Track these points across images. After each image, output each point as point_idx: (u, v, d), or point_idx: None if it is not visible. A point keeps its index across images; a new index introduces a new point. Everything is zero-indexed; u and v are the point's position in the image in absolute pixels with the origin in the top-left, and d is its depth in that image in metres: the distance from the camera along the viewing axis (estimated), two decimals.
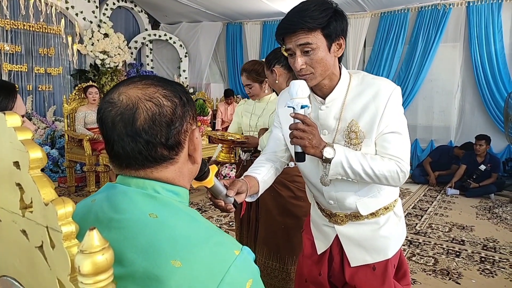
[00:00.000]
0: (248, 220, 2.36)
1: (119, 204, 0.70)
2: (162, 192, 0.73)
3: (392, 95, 1.25)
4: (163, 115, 0.71)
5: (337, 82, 1.30)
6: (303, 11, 1.19)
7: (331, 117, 1.32)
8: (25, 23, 5.92)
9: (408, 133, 1.31)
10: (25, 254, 0.59)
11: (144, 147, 0.70)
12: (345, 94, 1.30)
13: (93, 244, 0.47)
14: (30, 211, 0.56)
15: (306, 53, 1.21)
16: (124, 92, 0.71)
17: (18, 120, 0.55)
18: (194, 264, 0.62)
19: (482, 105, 6.00)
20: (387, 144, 1.26)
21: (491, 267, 3.08)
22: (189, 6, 7.11)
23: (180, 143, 0.74)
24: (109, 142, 0.72)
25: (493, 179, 5.23)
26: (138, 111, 0.69)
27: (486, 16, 5.76)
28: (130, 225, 0.66)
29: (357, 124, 1.29)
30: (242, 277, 0.65)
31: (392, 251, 1.42)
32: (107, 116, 0.71)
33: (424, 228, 3.96)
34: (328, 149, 1.21)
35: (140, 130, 0.69)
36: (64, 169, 5.23)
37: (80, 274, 0.48)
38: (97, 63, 6.78)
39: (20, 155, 0.54)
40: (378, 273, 1.41)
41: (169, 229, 0.66)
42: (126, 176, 0.74)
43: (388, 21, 6.55)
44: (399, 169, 1.25)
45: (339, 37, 1.23)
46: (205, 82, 8.39)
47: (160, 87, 0.73)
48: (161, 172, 0.73)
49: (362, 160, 1.23)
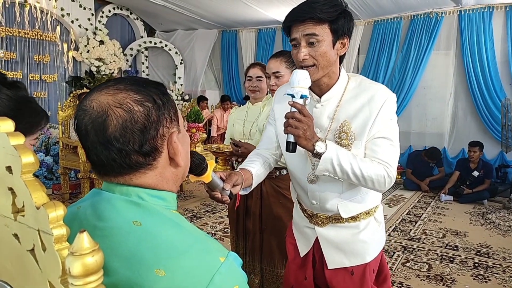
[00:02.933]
0: (244, 230, 2.32)
1: (103, 211, 0.68)
2: (147, 199, 0.71)
3: (387, 101, 1.26)
4: (134, 121, 0.68)
5: (335, 82, 1.31)
6: (314, 3, 1.21)
7: (325, 116, 1.33)
8: (20, 30, 5.92)
9: (398, 140, 1.31)
10: (16, 257, 0.60)
11: (117, 155, 0.68)
12: (341, 95, 1.31)
13: (83, 246, 0.48)
14: (22, 215, 0.57)
15: (311, 45, 1.22)
16: (96, 99, 0.69)
17: (11, 125, 0.56)
18: (178, 273, 0.61)
19: (475, 112, 6.06)
20: (377, 149, 1.27)
21: (485, 272, 3.10)
22: (184, 15, 7.15)
23: (156, 148, 0.71)
24: (85, 149, 0.71)
25: (486, 185, 5.27)
26: (108, 118, 0.67)
27: (477, 24, 5.84)
28: (114, 233, 0.65)
29: (350, 125, 1.29)
30: (227, 285, 0.64)
31: (371, 256, 1.42)
32: (80, 123, 0.69)
33: (418, 234, 3.98)
34: (320, 143, 1.20)
35: (111, 138, 0.67)
36: (58, 176, 5.21)
37: (71, 275, 0.49)
38: (93, 70, 6.79)
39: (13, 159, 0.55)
40: (356, 278, 1.41)
41: (152, 237, 0.65)
42: (110, 182, 0.72)
43: (381, 29, 6.62)
44: (387, 174, 1.25)
45: (345, 36, 1.25)
46: (200, 89, 8.41)
47: (132, 91, 0.70)
48: (141, 179, 0.71)
49: (352, 160, 1.22)
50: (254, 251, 2.24)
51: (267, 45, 7.79)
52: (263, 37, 7.86)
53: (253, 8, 6.53)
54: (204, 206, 4.82)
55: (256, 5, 6.39)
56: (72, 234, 0.55)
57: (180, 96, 8.25)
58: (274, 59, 2.03)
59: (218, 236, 3.78)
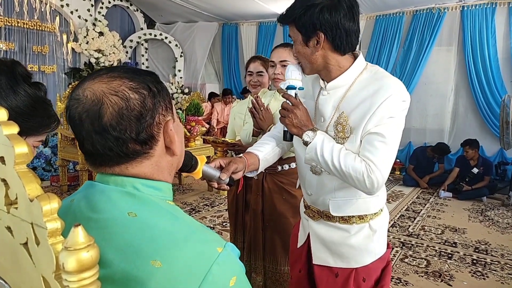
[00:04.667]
0: (243, 225, 2.30)
1: (97, 203, 0.67)
2: (142, 189, 0.70)
3: (391, 97, 1.17)
4: (130, 109, 0.67)
5: (342, 73, 1.26)
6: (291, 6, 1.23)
7: (330, 105, 1.29)
8: (19, 21, 5.87)
9: (396, 141, 1.22)
10: (9, 251, 0.58)
11: (114, 144, 0.67)
12: (349, 85, 1.26)
13: (78, 241, 0.47)
14: (15, 207, 0.55)
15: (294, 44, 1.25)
16: (89, 88, 0.68)
17: (4, 114, 0.54)
18: (174, 264, 0.60)
19: (475, 108, 6.04)
20: (367, 146, 1.19)
21: (483, 269, 3.10)
22: (185, 7, 7.10)
23: (153, 136, 0.70)
24: (79, 140, 0.70)
25: (486, 182, 5.27)
26: (103, 106, 0.66)
27: (480, 21, 5.81)
28: (109, 225, 0.64)
29: (347, 118, 1.24)
30: (225, 275, 0.63)
31: (358, 263, 1.36)
32: (73, 113, 0.68)
33: (417, 230, 3.97)
34: (309, 133, 1.21)
35: (107, 126, 0.66)
36: (56, 168, 5.19)
37: (65, 271, 0.47)
38: (92, 62, 6.74)
39: (5, 150, 0.53)
40: (339, 281, 1.37)
41: (148, 228, 0.64)
42: (104, 174, 0.71)
43: (383, 24, 6.58)
44: (366, 173, 1.17)
45: (315, 33, 1.19)
46: (200, 82, 8.37)
47: (126, 79, 0.69)
48: (137, 168, 0.70)
49: (335, 152, 1.20)
50: (256, 250, 2.20)
51: (268, 39, 7.74)
52: (264, 30, 7.81)
53: (254, 1, 6.48)
54: (203, 199, 4.81)
55: None
56: (67, 227, 0.53)
57: (179, 89, 8.21)
58: (282, 48, 1.99)
59: (217, 230, 3.77)
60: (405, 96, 1.21)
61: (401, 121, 1.21)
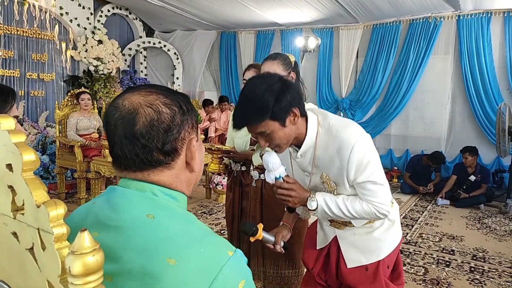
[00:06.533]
0: (238, 232, 2.29)
1: (118, 204, 0.73)
2: (160, 195, 0.75)
3: (353, 149, 1.32)
4: (161, 121, 0.74)
5: (305, 135, 1.39)
6: (246, 110, 1.29)
7: (307, 163, 1.47)
8: (18, 29, 5.90)
9: (383, 175, 1.41)
10: (15, 256, 0.59)
11: (141, 150, 0.73)
12: (313, 148, 1.41)
13: (84, 245, 0.48)
14: (21, 213, 0.56)
15: (265, 135, 1.32)
16: (128, 98, 0.76)
17: (12, 123, 0.56)
18: (188, 262, 0.64)
19: (472, 116, 6.08)
20: (364, 191, 1.39)
21: (481, 277, 3.10)
22: (184, 16, 7.15)
23: (176, 149, 0.76)
24: (110, 143, 0.76)
25: (483, 190, 5.28)
26: (137, 115, 0.73)
27: (476, 29, 5.87)
28: (128, 224, 0.69)
29: (328, 176, 1.44)
30: (235, 277, 0.67)
31: (385, 253, 1.55)
32: (111, 119, 0.75)
33: (415, 238, 3.98)
34: (311, 202, 1.43)
35: (138, 133, 0.72)
36: (54, 175, 5.18)
37: (71, 275, 0.48)
38: (91, 70, 6.76)
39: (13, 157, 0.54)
40: (370, 273, 1.54)
41: (165, 229, 0.69)
42: (127, 178, 0.77)
43: (380, 33, 6.64)
44: (377, 212, 1.39)
45: (290, 110, 1.30)
46: (198, 90, 8.41)
47: (162, 95, 0.77)
48: (158, 176, 0.76)
49: (341, 206, 1.40)
50: (255, 256, 2.21)
51: (266, 47, 7.80)
52: (262, 39, 7.87)
53: (252, 10, 6.54)
54: (201, 207, 4.81)
55: (255, 7, 6.40)
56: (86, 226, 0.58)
57: None
58: (270, 61, 1.97)
59: None
60: (363, 138, 1.36)
61: (374, 156, 1.38)
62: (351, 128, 1.37)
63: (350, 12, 6.29)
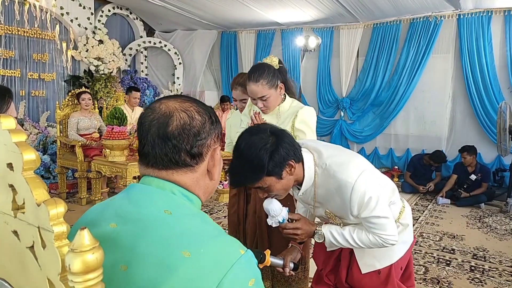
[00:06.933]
0: (244, 234, 2.30)
1: (138, 200, 0.78)
2: (178, 195, 0.81)
3: (353, 189, 1.35)
4: (192, 126, 0.81)
5: (303, 177, 1.43)
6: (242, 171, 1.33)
7: (309, 200, 1.52)
8: (19, 29, 5.90)
9: (386, 209, 1.43)
10: (15, 254, 0.60)
11: (170, 150, 0.80)
12: (313, 188, 1.45)
13: (84, 243, 0.49)
14: (22, 212, 0.57)
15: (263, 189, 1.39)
16: (165, 103, 0.83)
17: (13, 122, 0.56)
18: (202, 257, 0.68)
19: (473, 115, 6.08)
20: (370, 225, 1.42)
21: (481, 276, 3.11)
22: (184, 15, 7.15)
23: (201, 154, 0.83)
24: (141, 142, 0.82)
25: (484, 189, 5.28)
26: (172, 118, 0.80)
27: (476, 28, 5.86)
28: (146, 218, 0.74)
29: (331, 213, 1.49)
30: (245, 275, 0.71)
31: (397, 256, 1.58)
32: (146, 119, 0.82)
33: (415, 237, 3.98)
34: (317, 236, 1.50)
35: (170, 134, 0.79)
36: (55, 175, 5.19)
37: (71, 272, 0.49)
38: (91, 70, 6.77)
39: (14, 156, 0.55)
40: (383, 277, 1.56)
41: (181, 225, 0.73)
42: (149, 176, 0.82)
43: (380, 32, 6.64)
44: (384, 243, 1.43)
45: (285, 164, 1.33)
46: (199, 89, 8.41)
47: (196, 104, 0.85)
48: (180, 176, 0.82)
49: (349, 238, 1.45)
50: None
51: (266, 47, 7.80)
52: (263, 38, 7.86)
53: (253, 9, 6.54)
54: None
55: (255, 6, 6.40)
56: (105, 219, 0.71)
57: None
58: (254, 84, 1.91)
59: None
60: (362, 175, 1.37)
61: (376, 191, 1.38)
62: (349, 167, 1.39)
63: (351, 11, 6.29)
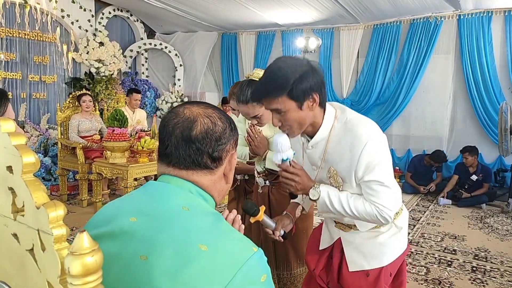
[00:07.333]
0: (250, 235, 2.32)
1: (157, 196, 0.83)
2: (195, 193, 0.85)
3: (366, 146, 1.30)
4: (214, 131, 0.86)
5: (319, 127, 1.38)
6: (268, 81, 1.29)
7: (317, 157, 1.45)
8: (20, 31, 5.91)
9: (392, 179, 1.38)
10: (15, 257, 0.60)
11: (194, 152, 0.85)
12: (326, 140, 1.39)
13: (83, 246, 0.49)
14: (21, 215, 0.57)
15: (279, 114, 1.32)
16: (188, 108, 0.88)
17: (12, 125, 0.56)
18: (218, 250, 0.72)
19: (473, 116, 6.07)
20: (370, 191, 1.35)
21: (482, 276, 3.10)
22: (184, 17, 7.16)
23: (221, 158, 0.89)
24: (164, 143, 0.87)
25: (485, 189, 5.27)
26: (196, 123, 0.85)
27: (476, 29, 5.86)
28: (165, 212, 0.78)
29: (335, 171, 1.41)
30: (258, 271, 0.74)
31: (388, 260, 1.51)
32: (169, 122, 0.87)
33: (417, 238, 3.98)
34: (313, 191, 1.39)
35: (194, 138, 0.84)
36: (56, 177, 5.20)
37: (70, 275, 0.49)
38: (92, 72, 6.78)
39: (14, 159, 0.55)
40: (371, 279, 1.50)
41: (198, 220, 0.77)
42: (168, 175, 0.86)
43: (380, 33, 6.63)
44: (379, 214, 1.35)
45: (310, 94, 1.29)
46: (200, 91, 8.41)
47: (217, 111, 0.91)
48: (199, 177, 0.87)
49: (344, 202, 1.37)
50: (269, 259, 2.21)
51: (267, 48, 7.80)
52: (263, 39, 7.87)
53: (253, 11, 6.55)
54: None
55: (256, 8, 6.40)
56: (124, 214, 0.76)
57: (179, 98, 8.25)
58: (245, 106, 1.93)
59: None
60: (378, 138, 1.33)
61: (386, 160, 1.35)
62: (367, 126, 1.35)
63: (351, 12, 6.29)
